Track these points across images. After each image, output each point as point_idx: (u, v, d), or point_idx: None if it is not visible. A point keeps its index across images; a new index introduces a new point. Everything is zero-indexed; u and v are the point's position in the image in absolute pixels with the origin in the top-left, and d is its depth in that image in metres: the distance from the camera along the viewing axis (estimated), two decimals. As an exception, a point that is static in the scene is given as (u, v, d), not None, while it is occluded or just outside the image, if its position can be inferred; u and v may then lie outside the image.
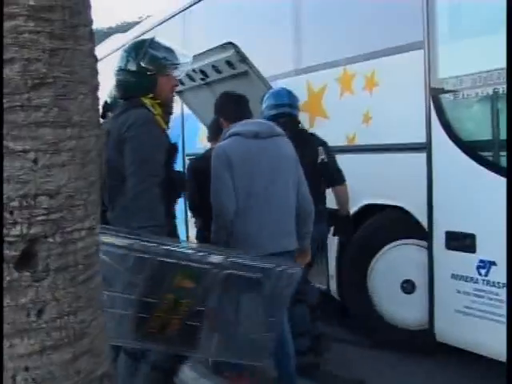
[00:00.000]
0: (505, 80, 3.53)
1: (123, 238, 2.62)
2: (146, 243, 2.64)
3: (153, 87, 3.15)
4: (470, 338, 3.86)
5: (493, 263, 3.62)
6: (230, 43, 4.83)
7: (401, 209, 4.31)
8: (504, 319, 3.56)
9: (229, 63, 4.99)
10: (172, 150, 3.13)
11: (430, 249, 4.03)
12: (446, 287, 3.98)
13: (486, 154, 3.70)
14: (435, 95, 3.90)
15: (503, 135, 3.65)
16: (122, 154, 2.97)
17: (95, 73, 1.67)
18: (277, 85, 5.21)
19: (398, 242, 4.44)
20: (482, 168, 3.66)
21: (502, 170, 3.57)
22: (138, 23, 11.18)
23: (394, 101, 4.29)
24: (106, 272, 2.72)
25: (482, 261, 3.68)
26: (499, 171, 3.58)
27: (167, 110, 3.31)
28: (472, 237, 3.71)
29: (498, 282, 3.61)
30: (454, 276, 3.90)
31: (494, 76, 3.61)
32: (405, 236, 4.40)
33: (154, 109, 3.13)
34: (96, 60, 1.69)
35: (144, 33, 8.65)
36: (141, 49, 3.17)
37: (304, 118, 5.05)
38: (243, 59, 4.87)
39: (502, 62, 3.49)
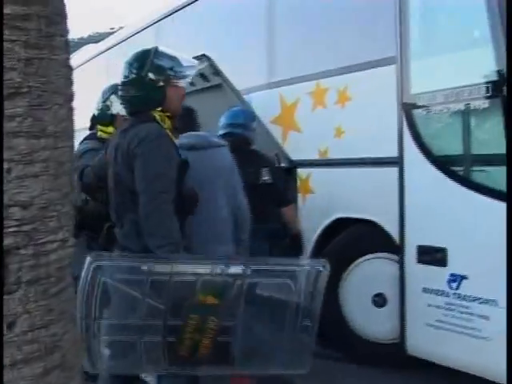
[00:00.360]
0: (476, 96, 3.58)
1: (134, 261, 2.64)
2: (161, 264, 2.62)
3: (162, 100, 3.05)
4: (441, 351, 3.87)
5: (464, 277, 3.64)
6: (204, 55, 4.83)
7: (373, 223, 4.33)
8: (475, 332, 3.59)
9: (202, 76, 5.00)
10: (183, 165, 3.04)
11: (401, 262, 4.05)
12: (418, 301, 3.99)
13: (457, 168, 3.74)
14: (407, 110, 3.93)
15: (474, 150, 3.71)
16: (132, 169, 2.91)
17: (70, 83, 1.66)
18: (250, 98, 5.22)
19: (370, 255, 4.46)
20: (453, 183, 3.70)
21: (472, 185, 3.61)
22: (110, 34, 11.14)
23: (367, 115, 4.32)
24: (124, 300, 2.71)
25: (452, 275, 3.70)
26: (470, 186, 3.62)
27: (175, 123, 3.30)
28: (443, 251, 3.73)
29: (469, 296, 3.63)
30: (425, 290, 3.92)
31: (465, 92, 3.65)
32: (377, 250, 4.42)
33: (164, 122, 3.05)
34: (71, 70, 1.68)
35: (116, 44, 8.63)
36: (145, 60, 3.07)
37: (277, 132, 5.08)
38: (216, 72, 4.87)
39: (474, 79, 3.57)
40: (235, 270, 2.70)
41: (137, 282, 2.64)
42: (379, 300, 4.40)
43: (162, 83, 3.04)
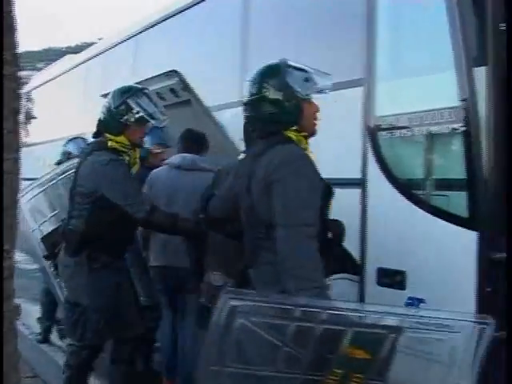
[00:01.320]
0: (440, 121, 3.62)
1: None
2: (307, 308, 2.25)
3: (299, 117, 2.78)
4: (399, 375, 3.87)
5: (421, 300, 3.66)
6: (174, 71, 4.85)
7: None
8: (426, 355, 3.59)
9: (172, 91, 5.02)
10: (328, 193, 2.79)
11: (361, 284, 4.07)
12: (377, 323, 4.00)
13: (419, 192, 3.76)
14: (372, 132, 3.96)
15: (436, 175, 3.74)
16: (269, 200, 2.57)
17: (17, 96, 1.67)
18: (223, 115, 5.24)
19: (331, 276, 4.45)
20: (414, 206, 3.73)
21: (433, 209, 3.64)
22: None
23: (332, 136, 4.33)
24: (260, 347, 2.34)
25: (410, 298, 3.72)
26: (431, 210, 3.65)
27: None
28: (402, 274, 3.76)
29: (426, 319, 3.65)
30: (384, 312, 3.93)
31: (429, 116, 3.68)
32: (338, 271, 4.42)
33: (301, 143, 2.78)
34: (18, 84, 1.69)
35: (96, 55, 8.64)
36: (277, 74, 2.83)
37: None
38: (186, 87, 4.89)
39: (439, 103, 3.61)
40: (391, 321, 2.35)
41: (277, 328, 2.32)
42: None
43: (296, 99, 2.77)
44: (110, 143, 3.83)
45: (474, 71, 3.40)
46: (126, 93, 3.81)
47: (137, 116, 3.82)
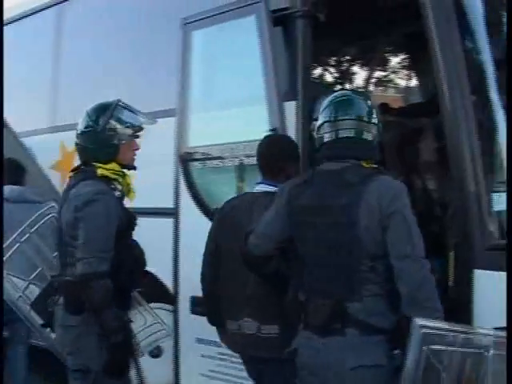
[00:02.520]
0: (248, 153, 3.72)
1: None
2: None
3: None
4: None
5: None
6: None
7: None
8: (245, 382, 3.63)
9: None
10: None
11: (175, 313, 4.05)
12: (191, 351, 4.01)
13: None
14: (184, 162, 4.01)
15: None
16: (382, 232, 2.48)
17: None
18: (32, 141, 5.03)
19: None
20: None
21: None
22: None
23: (145, 165, 4.29)
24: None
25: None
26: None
27: None
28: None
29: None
30: (198, 340, 3.95)
31: (240, 148, 3.79)
32: (153, 300, 4.38)
33: None
34: None
35: None
36: None
37: (56, 178, 4.91)
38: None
39: (250, 135, 3.72)
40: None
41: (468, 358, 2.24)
42: (155, 350, 4.34)
43: None
44: (99, 171, 3.17)
45: (283, 105, 3.55)
46: (105, 112, 3.21)
47: (128, 133, 3.26)
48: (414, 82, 5.63)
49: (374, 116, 2.71)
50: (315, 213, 2.61)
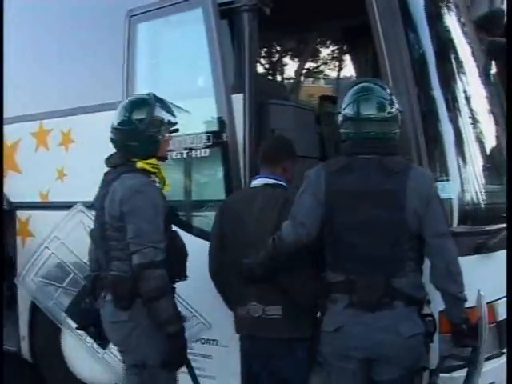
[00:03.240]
0: (198, 145, 3.77)
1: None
2: None
3: None
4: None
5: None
6: None
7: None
8: (200, 372, 3.61)
9: None
10: None
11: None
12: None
13: (180, 214, 3.81)
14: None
15: (196, 196, 3.88)
16: (425, 214, 2.73)
17: None
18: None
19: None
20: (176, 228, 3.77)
21: (196, 230, 3.77)
22: None
23: (90, 159, 4.26)
24: None
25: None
26: (193, 231, 3.77)
27: None
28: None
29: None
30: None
31: (188, 140, 3.80)
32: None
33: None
34: None
35: None
36: None
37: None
38: None
39: (195, 128, 3.77)
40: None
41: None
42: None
43: None
44: (139, 164, 3.13)
45: (231, 98, 3.58)
46: (146, 108, 3.15)
47: (169, 128, 3.22)
48: (358, 74, 5.69)
49: (396, 105, 2.83)
50: (360, 197, 2.76)
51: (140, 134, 3.12)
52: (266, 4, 3.73)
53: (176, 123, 3.24)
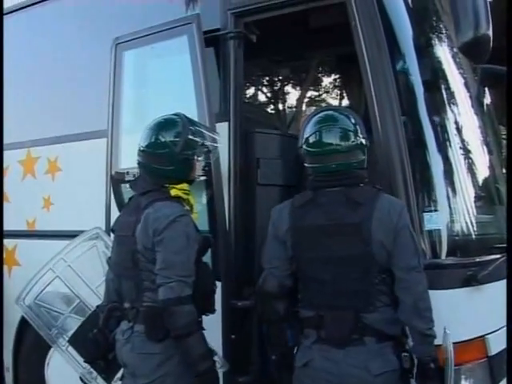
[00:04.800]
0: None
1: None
2: None
3: None
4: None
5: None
6: None
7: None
8: None
9: None
10: None
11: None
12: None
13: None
14: (115, 184, 3.93)
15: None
16: (393, 246, 2.65)
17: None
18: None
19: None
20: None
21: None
22: None
23: (76, 187, 4.27)
24: None
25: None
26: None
27: None
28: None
29: None
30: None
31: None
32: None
33: None
34: None
35: None
36: None
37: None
38: None
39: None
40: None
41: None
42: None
43: None
44: (173, 192, 2.99)
45: (216, 126, 3.51)
46: (178, 129, 3.00)
47: (204, 150, 3.11)
48: (344, 102, 5.69)
49: (361, 133, 2.77)
50: (325, 232, 2.69)
51: (175, 156, 2.96)
52: (252, 32, 3.73)
53: (209, 145, 3.14)
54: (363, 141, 2.76)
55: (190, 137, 2.98)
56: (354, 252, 2.65)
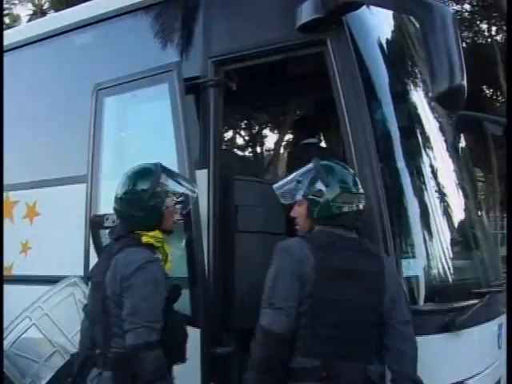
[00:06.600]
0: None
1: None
2: None
3: None
4: None
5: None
6: None
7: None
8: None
9: None
10: None
11: None
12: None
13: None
14: (94, 230, 3.89)
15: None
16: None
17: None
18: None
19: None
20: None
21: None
22: None
23: (55, 232, 4.25)
24: None
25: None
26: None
27: None
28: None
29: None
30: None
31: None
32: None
33: None
34: None
35: None
36: None
37: None
38: None
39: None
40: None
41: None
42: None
43: None
44: (145, 238, 3.00)
45: (195, 173, 3.53)
46: (150, 178, 3.05)
47: (173, 199, 3.10)
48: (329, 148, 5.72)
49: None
50: (349, 276, 2.66)
51: (143, 204, 3.01)
52: (232, 80, 3.78)
53: (183, 194, 3.17)
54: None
55: (160, 186, 3.03)
56: (372, 300, 2.69)
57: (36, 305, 3.76)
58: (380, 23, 3.57)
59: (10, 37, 5.01)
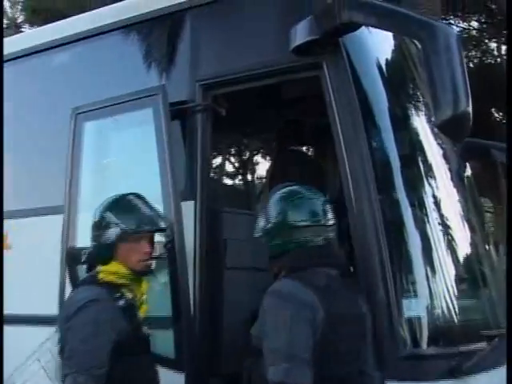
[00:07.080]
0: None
1: None
2: None
3: None
4: None
5: None
6: None
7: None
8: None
9: None
10: None
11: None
12: None
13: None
14: (70, 264, 3.72)
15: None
16: None
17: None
18: None
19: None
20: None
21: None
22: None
23: (28, 266, 4.04)
24: None
25: None
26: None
27: None
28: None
29: None
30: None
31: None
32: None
33: None
34: None
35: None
36: None
37: None
38: None
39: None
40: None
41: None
42: None
43: None
44: (101, 275, 2.84)
45: (181, 205, 3.38)
46: (102, 205, 2.98)
47: (124, 232, 2.87)
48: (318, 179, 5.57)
49: None
50: (348, 321, 2.54)
51: (93, 236, 2.94)
52: (221, 105, 3.62)
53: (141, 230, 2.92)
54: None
55: (110, 216, 2.89)
56: (367, 342, 2.63)
57: (45, 346, 3.55)
58: (379, 44, 3.42)
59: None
